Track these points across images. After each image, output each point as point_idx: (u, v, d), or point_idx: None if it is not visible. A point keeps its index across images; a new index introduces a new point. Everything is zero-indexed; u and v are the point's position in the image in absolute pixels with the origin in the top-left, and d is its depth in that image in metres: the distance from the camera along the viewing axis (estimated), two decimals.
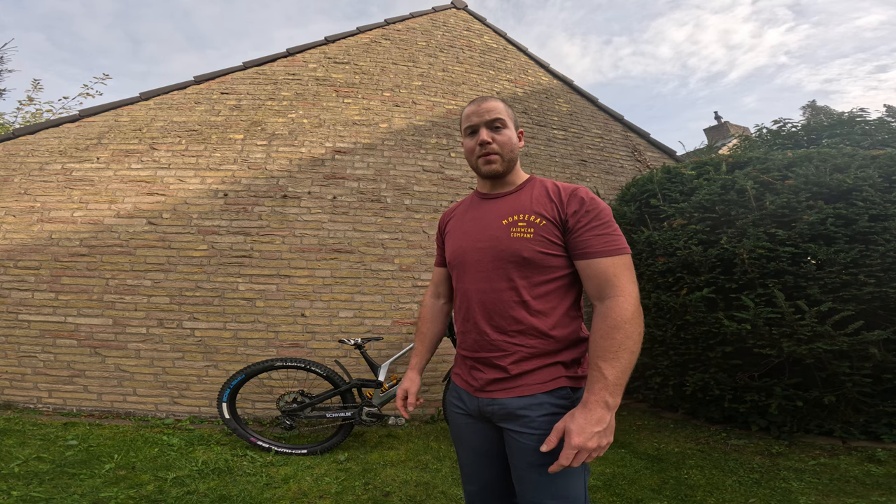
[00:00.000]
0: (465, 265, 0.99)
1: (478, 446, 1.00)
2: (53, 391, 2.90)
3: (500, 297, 0.92)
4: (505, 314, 0.92)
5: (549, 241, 0.91)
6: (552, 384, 0.89)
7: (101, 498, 1.83)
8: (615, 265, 0.85)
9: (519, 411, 0.89)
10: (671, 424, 2.94)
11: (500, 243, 0.93)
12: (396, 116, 3.81)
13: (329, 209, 3.36)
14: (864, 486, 1.96)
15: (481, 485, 1.02)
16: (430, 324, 1.20)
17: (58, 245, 3.09)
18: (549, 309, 0.91)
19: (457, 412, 1.04)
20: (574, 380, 0.91)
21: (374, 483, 2.10)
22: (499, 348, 0.92)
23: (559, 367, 0.90)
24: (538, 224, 0.92)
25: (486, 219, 1.00)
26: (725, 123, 11.99)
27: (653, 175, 3.31)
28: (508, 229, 0.94)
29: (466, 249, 1.00)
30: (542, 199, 0.95)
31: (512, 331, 0.91)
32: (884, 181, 2.43)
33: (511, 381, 0.91)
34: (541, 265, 0.91)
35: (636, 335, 0.81)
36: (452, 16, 4.71)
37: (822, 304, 2.33)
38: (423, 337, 1.21)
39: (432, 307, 1.22)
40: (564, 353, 0.91)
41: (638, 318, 0.82)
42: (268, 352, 3.03)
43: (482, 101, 1.01)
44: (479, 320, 0.95)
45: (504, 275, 0.92)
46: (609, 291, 0.84)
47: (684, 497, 1.95)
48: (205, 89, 3.64)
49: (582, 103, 4.80)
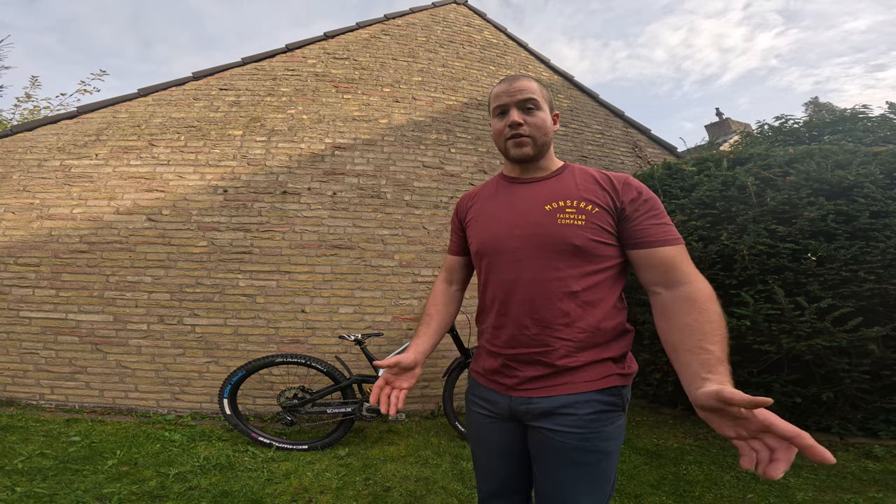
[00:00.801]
0: (501, 254, 0.91)
1: (498, 446, 0.96)
2: (55, 388, 2.91)
3: (546, 288, 0.85)
4: (552, 306, 0.85)
5: (601, 229, 0.86)
6: (603, 382, 0.85)
7: (105, 494, 1.84)
8: (679, 253, 0.83)
9: (562, 409, 0.84)
10: (670, 420, 2.95)
11: (546, 230, 0.87)
12: (396, 112, 3.79)
13: (329, 205, 3.35)
14: (862, 483, 1.98)
15: (497, 483, 0.99)
16: (440, 307, 1.07)
17: (58, 242, 3.09)
18: (598, 300, 0.86)
19: (479, 412, 0.98)
20: (623, 377, 0.87)
21: (375, 478, 2.11)
22: (542, 343, 0.86)
23: (609, 364, 0.86)
24: (590, 211, 0.86)
25: (523, 204, 0.92)
26: (727, 120, 11.92)
27: (653, 171, 3.30)
28: (554, 215, 0.87)
29: (501, 237, 0.92)
30: (591, 186, 0.90)
31: (558, 324, 0.85)
32: (885, 178, 2.42)
33: (556, 377, 0.86)
34: (592, 254, 0.85)
35: (719, 313, 0.77)
36: (452, 11, 4.68)
37: (821, 300, 2.33)
38: (429, 319, 1.05)
39: (444, 292, 1.10)
40: (612, 346, 0.87)
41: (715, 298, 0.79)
42: (268, 348, 3.03)
43: (514, 79, 0.93)
44: (520, 313, 0.88)
45: (550, 264, 0.86)
46: (680, 278, 0.81)
47: (683, 492, 1.96)
48: (203, 85, 3.62)
49: (582, 99, 4.77)
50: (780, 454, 0.56)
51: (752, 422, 0.58)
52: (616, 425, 0.86)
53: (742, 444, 0.61)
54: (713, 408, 0.62)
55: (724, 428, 0.62)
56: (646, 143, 4.87)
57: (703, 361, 0.70)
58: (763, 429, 0.57)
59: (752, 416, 0.58)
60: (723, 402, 0.60)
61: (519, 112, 0.91)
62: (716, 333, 0.73)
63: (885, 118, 4.30)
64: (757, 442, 0.59)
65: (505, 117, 0.93)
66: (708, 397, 0.63)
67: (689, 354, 0.73)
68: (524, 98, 0.91)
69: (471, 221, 1.03)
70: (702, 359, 0.70)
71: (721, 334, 0.73)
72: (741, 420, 0.60)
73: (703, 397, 0.64)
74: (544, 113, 0.93)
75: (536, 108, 0.92)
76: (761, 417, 0.57)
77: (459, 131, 3.88)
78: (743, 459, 0.60)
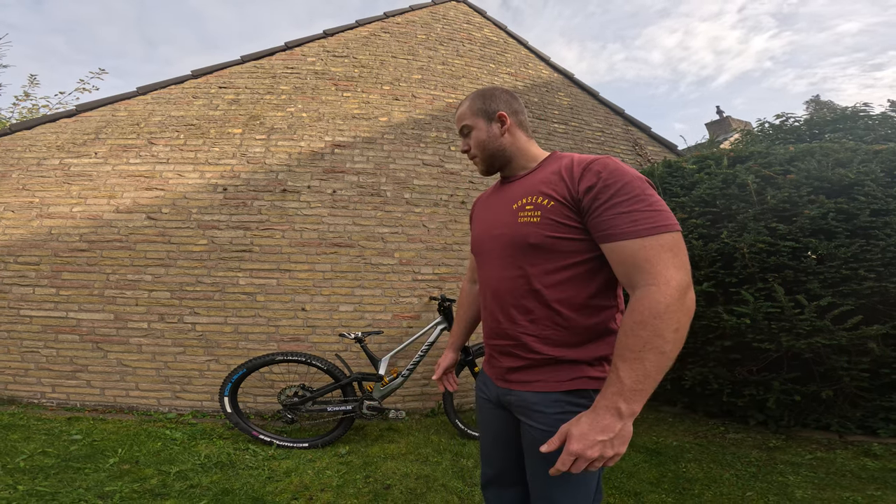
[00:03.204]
0: (482, 253, 0.99)
1: (497, 432, 1.01)
2: (57, 386, 2.92)
3: (513, 286, 0.88)
4: (516, 303, 0.88)
5: (559, 224, 0.81)
6: (570, 384, 0.83)
7: (106, 492, 1.85)
8: (646, 248, 0.71)
9: (534, 405, 0.86)
10: (670, 418, 2.96)
11: (510, 229, 0.89)
12: (396, 110, 3.78)
13: (329, 203, 3.35)
14: (860, 481, 1.98)
15: (497, 469, 1.03)
16: (465, 308, 1.26)
17: (57, 240, 3.09)
18: (566, 297, 0.83)
19: (481, 396, 1.06)
20: (598, 381, 0.82)
21: (375, 476, 2.12)
22: (511, 337, 0.89)
23: (581, 367, 0.83)
24: (545, 206, 0.83)
25: (499, 205, 0.97)
26: (727, 118, 11.90)
27: (654, 169, 3.30)
28: (517, 214, 0.88)
29: (483, 237, 0.99)
30: (552, 178, 0.86)
31: (524, 320, 0.87)
32: (886, 176, 2.41)
33: (530, 371, 0.87)
34: (553, 250, 0.82)
35: (670, 332, 0.67)
36: (452, 8, 4.66)
37: (821, 298, 2.33)
38: (459, 320, 1.28)
39: (469, 293, 1.26)
40: (588, 347, 0.83)
41: (675, 311, 0.67)
42: (269, 346, 3.04)
43: (457, 109, 1.03)
44: (494, 308, 0.94)
45: (514, 262, 0.88)
46: (640, 279, 0.71)
47: (682, 490, 1.97)
48: (202, 83, 3.61)
49: (583, 97, 4.76)
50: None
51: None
52: None
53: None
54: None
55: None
56: (646, 141, 4.86)
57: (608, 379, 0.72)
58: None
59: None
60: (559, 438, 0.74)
61: (463, 139, 1.02)
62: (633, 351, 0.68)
63: (886, 116, 4.29)
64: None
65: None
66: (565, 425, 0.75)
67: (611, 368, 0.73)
68: (460, 127, 1.02)
69: (473, 222, 1.13)
70: (609, 376, 0.72)
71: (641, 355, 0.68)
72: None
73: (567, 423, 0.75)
74: (478, 130, 0.99)
75: (470, 129, 1.00)
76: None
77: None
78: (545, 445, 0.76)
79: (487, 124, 0.97)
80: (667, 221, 0.73)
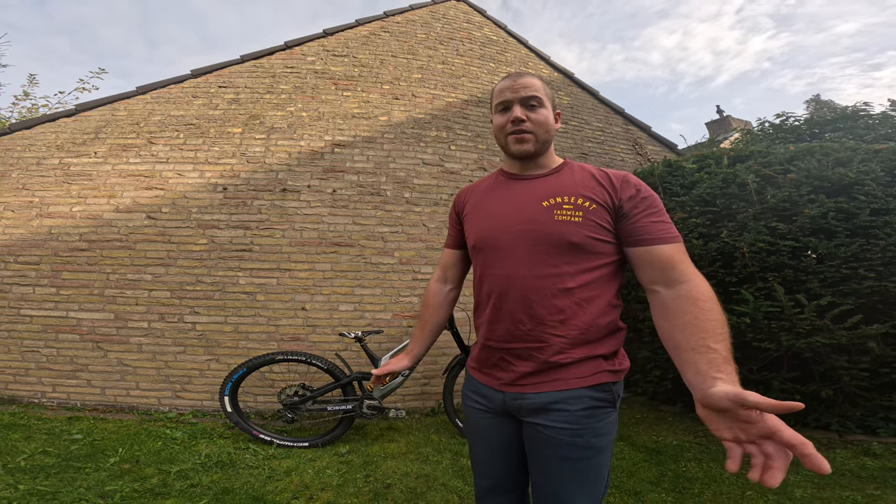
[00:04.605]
0: (499, 249, 0.91)
1: (496, 442, 0.97)
2: (57, 386, 2.92)
3: (542, 285, 0.86)
4: (546, 302, 0.86)
5: (599, 227, 0.86)
6: (593, 379, 0.85)
7: (107, 491, 1.85)
8: (678, 251, 0.82)
9: (554, 405, 0.85)
10: (670, 417, 2.96)
11: (543, 227, 0.87)
12: (396, 109, 3.78)
13: (329, 202, 3.35)
14: (860, 480, 1.98)
15: (495, 479, 1.00)
16: (433, 311, 1.12)
17: (57, 240, 3.09)
18: (593, 297, 0.86)
19: (476, 407, 0.99)
20: (614, 374, 0.87)
21: (375, 475, 2.12)
22: (536, 339, 0.86)
23: (600, 361, 0.86)
24: (588, 208, 0.86)
25: (521, 200, 0.93)
26: (727, 117, 11.89)
27: (654, 168, 3.29)
28: (551, 212, 0.87)
29: (500, 232, 0.92)
30: (590, 183, 0.90)
31: (553, 320, 0.85)
32: (886, 175, 2.41)
33: (548, 373, 0.86)
34: (589, 251, 0.86)
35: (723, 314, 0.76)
36: (452, 8, 4.65)
37: (821, 298, 2.33)
38: (424, 324, 1.12)
39: (437, 293, 1.13)
40: (604, 343, 0.87)
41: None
42: (269, 345, 3.04)
43: (518, 76, 0.93)
44: (516, 309, 0.88)
45: (545, 260, 0.86)
46: (678, 276, 0.80)
47: (682, 489, 1.97)
48: (202, 83, 3.60)
49: (583, 96, 4.76)
50: (776, 461, 0.56)
51: (757, 426, 0.58)
52: (607, 421, 0.87)
53: (734, 447, 0.60)
54: (722, 408, 0.61)
55: (722, 429, 0.62)
56: (646, 140, 4.85)
57: (711, 360, 0.69)
58: (767, 434, 0.57)
59: (761, 420, 0.57)
60: (741, 404, 0.58)
61: (522, 108, 0.92)
62: (719, 332, 0.72)
63: (886, 116, 4.29)
64: (753, 447, 0.59)
65: (507, 113, 0.94)
66: (723, 398, 0.61)
67: (694, 353, 0.72)
68: (528, 95, 0.91)
69: (468, 215, 1.04)
70: (709, 358, 0.69)
71: (724, 333, 0.73)
72: (744, 423, 0.59)
73: (717, 397, 0.62)
74: (547, 111, 0.93)
75: (540, 105, 0.92)
76: (770, 423, 0.56)
77: (459, 128, 3.87)
78: (731, 462, 0.59)
79: (552, 112, 0.96)
80: (678, 232, 0.86)
